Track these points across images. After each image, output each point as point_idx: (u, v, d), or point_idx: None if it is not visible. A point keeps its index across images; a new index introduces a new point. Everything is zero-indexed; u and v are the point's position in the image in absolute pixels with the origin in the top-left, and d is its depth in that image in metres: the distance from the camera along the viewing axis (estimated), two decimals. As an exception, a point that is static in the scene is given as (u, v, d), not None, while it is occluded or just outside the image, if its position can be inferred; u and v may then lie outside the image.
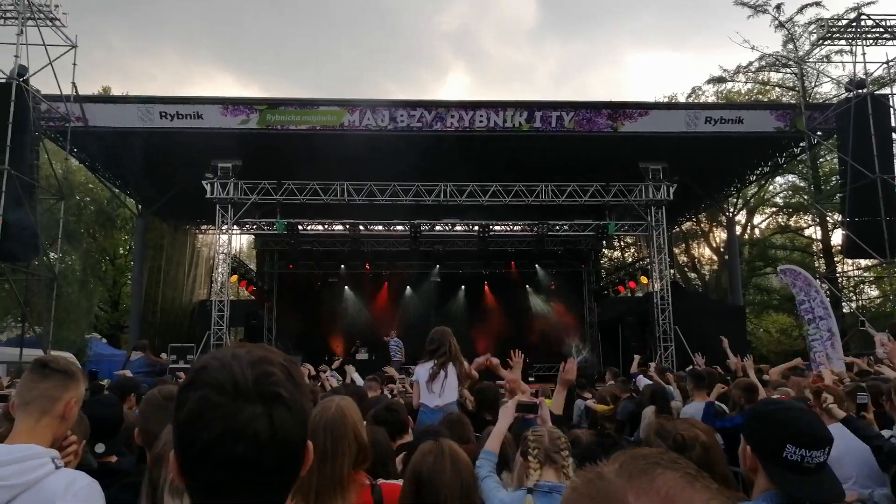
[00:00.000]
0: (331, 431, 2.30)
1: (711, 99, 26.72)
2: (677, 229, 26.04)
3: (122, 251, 30.50)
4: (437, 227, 20.20)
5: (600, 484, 0.81)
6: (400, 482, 2.37)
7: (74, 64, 15.14)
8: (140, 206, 20.61)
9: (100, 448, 2.82)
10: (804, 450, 1.79)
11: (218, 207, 16.61)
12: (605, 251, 28.51)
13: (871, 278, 23.78)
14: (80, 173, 23.92)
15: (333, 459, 2.25)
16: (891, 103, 16.33)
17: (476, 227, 19.48)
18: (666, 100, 27.99)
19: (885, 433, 4.14)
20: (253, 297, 22.96)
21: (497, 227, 20.52)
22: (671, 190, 16.96)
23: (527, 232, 19.80)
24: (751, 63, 25.15)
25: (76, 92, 15.38)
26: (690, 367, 9.31)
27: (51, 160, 16.79)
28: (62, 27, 14.96)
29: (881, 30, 16.44)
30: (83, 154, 17.86)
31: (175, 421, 0.94)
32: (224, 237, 17.36)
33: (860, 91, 15.89)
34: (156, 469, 1.89)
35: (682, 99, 27.89)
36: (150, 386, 6.99)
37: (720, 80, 26.47)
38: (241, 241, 27.92)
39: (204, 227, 23.89)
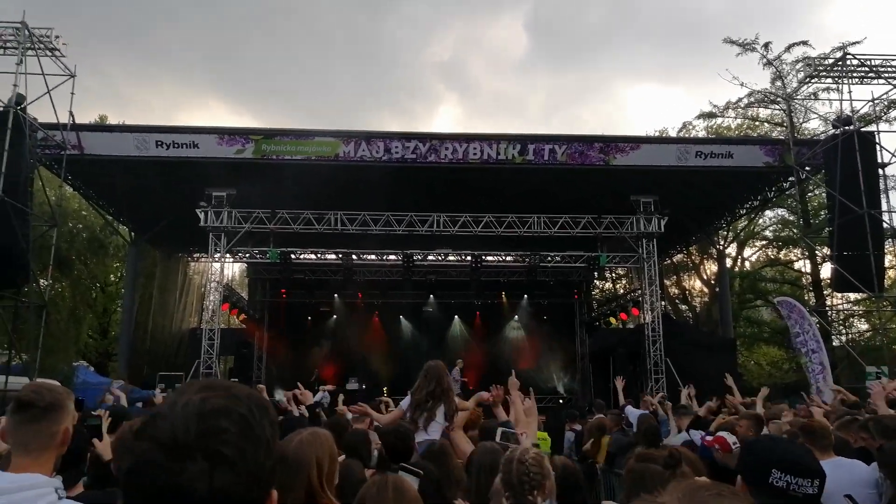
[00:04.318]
0: (286, 465, 2.28)
1: (702, 134, 27.13)
2: (668, 261, 26.19)
3: (113, 278, 30.35)
4: (430, 257, 20.24)
5: None
6: None
7: (72, 93, 15.31)
8: (133, 234, 20.60)
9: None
10: (790, 476, 1.80)
11: (211, 236, 16.63)
12: (597, 282, 28.58)
13: (861, 312, 23.92)
14: (74, 200, 23.92)
15: (283, 492, 2.24)
16: (877, 140, 16.64)
17: (468, 258, 19.53)
18: (657, 134, 28.42)
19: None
20: (244, 326, 22.81)
21: (489, 258, 20.57)
22: (662, 223, 17.12)
23: (519, 263, 19.87)
24: (740, 99, 25.63)
25: (73, 120, 15.50)
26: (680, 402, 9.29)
27: (45, 187, 16.82)
28: (61, 57, 15.14)
29: (866, 69, 16.82)
30: (77, 181, 17.95)
31: (119, 471, 0.93)
32: (216, 265, 17.34)
33: (847, 128, 16.20)
34: None
35: (672, 133, 28.34)
36: (137, 413, 6.93)
37: (710, 115, 26.89)
38: (233, 270, 27.86)
39: (196, 254, 23.86)
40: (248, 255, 18.16)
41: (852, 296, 20.30)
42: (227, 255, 17.44)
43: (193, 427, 0.88)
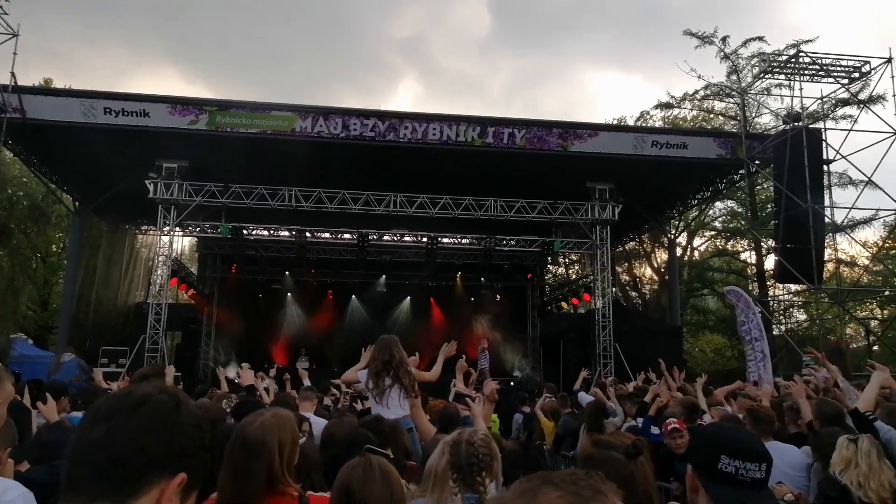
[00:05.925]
0: (247, 449, 2.25)
1: (658, 124, 27.56)
2: (620, 248, 26.65)
3: (55, 249, 29.26)
4: (385, 237, 20.11)
5: None
6: (327, 494, 2.33)
7: (15, 53, 14.60)
8: (77, 203, 19.85)
9: None
10: (738, 461, 1.81)
11: (160, 208, 16.16)
12: (550, 267, 28.92)
13: (800, 303, 24.84)
14: (14, 166, 22.89)
15: (245, 477, 2.19)
16: (823, 137, 17.19)
17: (424, 239, 19.48)
18: (615, 122, 28.74)
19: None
20: (192, 302, 22.33)
21: (445, 240, 20.56)
22: (616, 210, 17.39)
23: (474, 245, 19.91)
24: (696, 91, 26.13)
25: (15, 82, 14.78)
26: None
27: (-18, 151, 16.04)
28: (3, 15, 14.40)
29: (817, 67, 17.31)
30: (18, 147, 17.12)
31: None
32: (165, 239, 16.88)
33: (796, 124, 16.70)
34: None
35: (630, 122, 28.72)
36: (79, 389, 6.70)
37: (667, 105, 27.33)
38: (182, 244, 27.17)
39: (144, 227, 23.18)
40: (198, 229, 17.71)
41: (793, 287, 21.02)
42: (177, 229, 16.99)
43: None
